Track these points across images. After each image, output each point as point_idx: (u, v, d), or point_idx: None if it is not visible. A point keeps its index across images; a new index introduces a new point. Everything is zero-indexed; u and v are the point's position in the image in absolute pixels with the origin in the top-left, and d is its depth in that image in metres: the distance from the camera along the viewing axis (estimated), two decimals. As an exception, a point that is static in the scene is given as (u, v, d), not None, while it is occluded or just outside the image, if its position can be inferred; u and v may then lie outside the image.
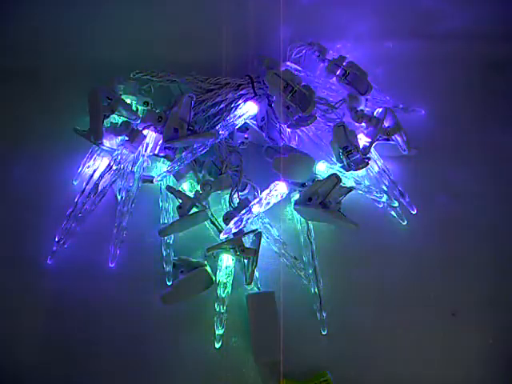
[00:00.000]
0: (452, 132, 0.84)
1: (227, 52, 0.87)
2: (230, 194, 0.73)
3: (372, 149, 0.75)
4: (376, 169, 0.77)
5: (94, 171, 0.77)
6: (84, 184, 0.75)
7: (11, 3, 0.87)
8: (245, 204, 0.71)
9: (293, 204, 0.73)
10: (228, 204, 0.73)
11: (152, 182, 0.75)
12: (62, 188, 0.78)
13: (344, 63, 0.78)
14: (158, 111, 0.75)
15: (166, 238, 0.73)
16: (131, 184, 0.74)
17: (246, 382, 0.70)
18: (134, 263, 0.74)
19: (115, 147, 0.75)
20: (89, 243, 0.75)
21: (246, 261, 0.69)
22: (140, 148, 0.75)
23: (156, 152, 0.76)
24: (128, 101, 0.76)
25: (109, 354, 0.71)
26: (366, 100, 0.78)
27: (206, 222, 0.74)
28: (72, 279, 0.74)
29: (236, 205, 0.72)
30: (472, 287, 0.74)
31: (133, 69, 0.77)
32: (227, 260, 0.70)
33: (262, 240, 0.70)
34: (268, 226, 0.73)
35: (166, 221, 0.74)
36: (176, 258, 0.73)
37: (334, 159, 0.75)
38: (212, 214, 0.74)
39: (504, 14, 0.90)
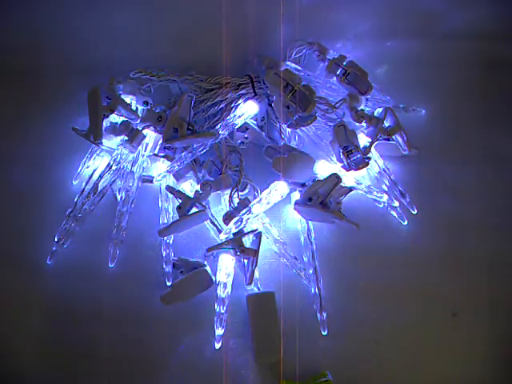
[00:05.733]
0: (452, 132, 0.84)
1: (227, 52, 0.87)
2: (230, 194, 0.73)
3: (372, 149, 0.75)
4: (376, 169, 0.77)
5: (94, 171, 0.77)
6: (83, 184, 0.75)
7: (11, 3, 0.87)
8: (245, 204, 0.71)
9: (293, 204, 0.73)
10: (228, 204, 0.73)
11: (152, 182, 0.75)
12: (61, 188, 0.78)
13: (344, 63, 0.78)
14: (157, 111, 0.75)
15: (165, 238, 0.73)
16: (131, 184, 0.74)
17: (246, 382, 0.70)
18: (134, 263, 0.74)
19: (115, 147, 0.75)
20: (88, 243, 0.75)
21: (245, 261, 0.69)
22: (140, 148, 0.75)
23: (156, 152, 0.76)
24: (128, 100, 0.75)
25: (108, 354, 0.71)
26: (367, 100, 0.78)
27: (205, 222, 0.74)
28: (72, 279, 0.74)
29: (236, 205, 0.72)
30: (472, 287, 0.74)
31: (133, 69, 0.77)
32: (227, 260, 0.70)
33: (262, 240, 0.70)
34: (268, 225, 0.73)
35: (165, 221, 0.74)
36: (176, 258, 0.73)
37: (334, 159, 0.75)
38: (212, 214, 0.74)
39: (504, 14, 0.90)
